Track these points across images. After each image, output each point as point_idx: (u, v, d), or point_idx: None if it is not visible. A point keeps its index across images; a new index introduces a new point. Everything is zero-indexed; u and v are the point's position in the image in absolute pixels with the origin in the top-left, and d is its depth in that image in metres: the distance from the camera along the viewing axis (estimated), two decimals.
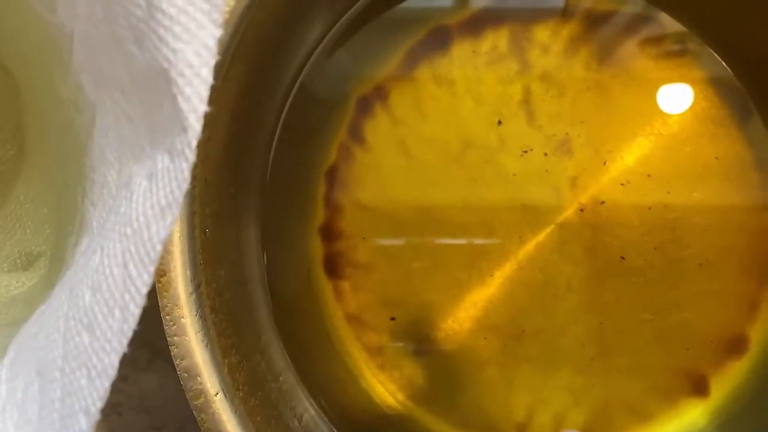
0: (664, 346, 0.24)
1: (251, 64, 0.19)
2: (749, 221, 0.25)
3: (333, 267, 0.25)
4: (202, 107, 0.11)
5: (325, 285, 0.25)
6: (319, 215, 0.25)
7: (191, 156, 0.11)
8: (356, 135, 0.25)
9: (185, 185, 0.11)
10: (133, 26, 0.12)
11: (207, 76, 0.11)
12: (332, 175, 0.25)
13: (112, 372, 0.12)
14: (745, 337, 0.24)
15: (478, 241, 0.25)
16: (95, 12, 0.14)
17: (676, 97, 0.25)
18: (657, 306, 0.25)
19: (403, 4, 0.25)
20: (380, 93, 0.25)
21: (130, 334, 0.11)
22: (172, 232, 0.18)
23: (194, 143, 0.11)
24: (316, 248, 0.25)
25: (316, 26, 0.24)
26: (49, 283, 0.18)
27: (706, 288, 0.25)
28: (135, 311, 0.11)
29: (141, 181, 0.12)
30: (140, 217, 0.12)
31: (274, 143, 0.25)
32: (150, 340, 0.26)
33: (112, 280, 0.12)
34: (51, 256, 0.19)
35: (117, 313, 0.11)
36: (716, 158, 0.25)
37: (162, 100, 0.12)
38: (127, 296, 0.11)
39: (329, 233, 0.25)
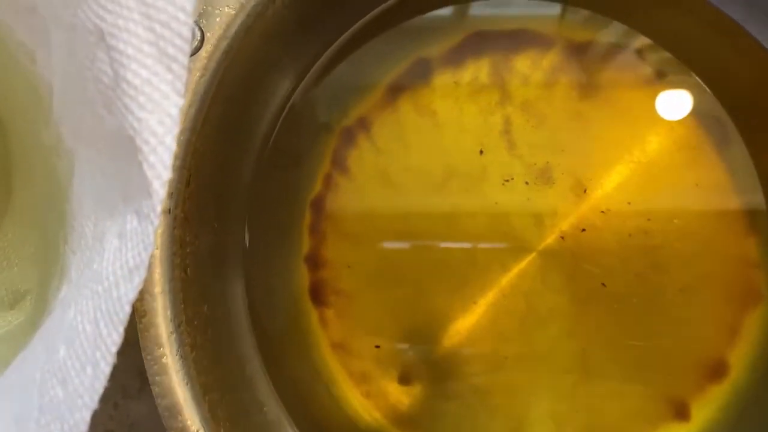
0: (645, 371, 0.25)
1: (231, 104, 0.20)
2: (729, 247, 0.25)
3: (318, 295, 0.26)
4: (166, 174, 0.11)
5: (310, 313, 0.26)
6: (305, 244, 0.26)
7: (156, 220, 0.11)
8: (340, 165, 0.26)
9: (151, 248, 0.11)
10: (102, 92, 0.12)
11: (170, 144, 0.11)
12: (317, 205, 0.26)
13: (84, 427, 0.12)
14: (726, 363, 0.25)
15: (461, 269, 0.25)
16: (69, 71, 0.14)
17: (656, 125, 0.25)
18: (638, 332, 0.25)
19: (385, 37, 0.26)
20: (364, 124, 0.26)
21: (101, 390, 0.12)
22: (153, 273, 0.18)
23: (159, 208, 0.11)
24: (302, 277, 0.26)
25: (297, 62, 0.24)
26: (33, 323, 0.19)
27: (686, 314, 0.25)
28: (105, 369, 0.12)
29: (112, 239, 0.13)
30: (110, 276, 0.12)
31: (258, 176, 0.25)
32: (140, 368, 0.26)
33: (84, 336, 0.12)
34: (36, 295, 0.20)
35: (89, 369, 0.12)
36: (696, 185, 0.25)
37: (130, 162, 0.12)
38: (98, 353, 0.12)
39: (314, 262, 0.26)
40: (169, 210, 0.17)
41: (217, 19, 0.18)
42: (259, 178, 0.25)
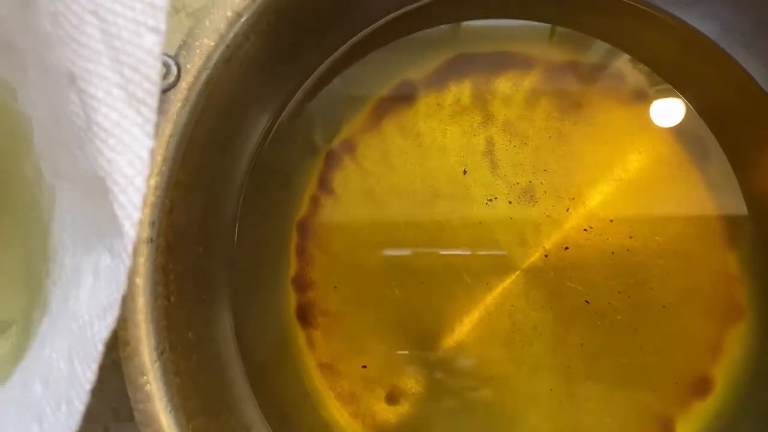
0: (630, 388, 0.25)
1: (213, 134, 0.20)
2: (711, 264, 0.25)
3: (305, 316, 0.26)
4: (137, 214, 0.11)
5: (297, 334, 0.26)
6: (292, 266, 0.26)
7: (128, 260, 0.11)
8: (326, 187, 0.26)
9: (123, 288, 0.11)
10: (75, 133, 0.12)
11: (141, 185, 0.11)
12: (304, 227, 0.26)
13: None
14: (710, 379, 0.25)
15: (446, 288, 0.26)
16: (47, 110, 0.14)
17: (637, 143, 0.26)
18: (622, 349, 0.25)
19: (369, 61, 0.26)
20: (349, 146, 0.26)
21: (75, 428, 0.12)
22: (136, 302, 0.18)
23: (130, 248, 0.11)
24: (289, 298, 0.26)
25: (280, 89, 0.24)
26: (17, 355, 0.19)
27: (670, 330, 0.25)
28: (79, 407, 0.12)
29: (87, 276, 0.13)
30: (85, 314, 0.12)
31: (244, 200, 0.25)
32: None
33: (59, 374, 0.12)
34: (21, 324, 0.20)
35: (63, 407, 0.12)
36: (677, 203, 0.25)
37: (103, 201, 0.12)
38: (72, 392, 0.12)
39: (301, 283, 0.26)
40: (151, 239, 0.18)
41: (197, 51, 0.18)
42: (245, 202, 0.26)
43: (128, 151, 0.11)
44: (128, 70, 0.11)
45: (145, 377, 0.18)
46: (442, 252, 0.26)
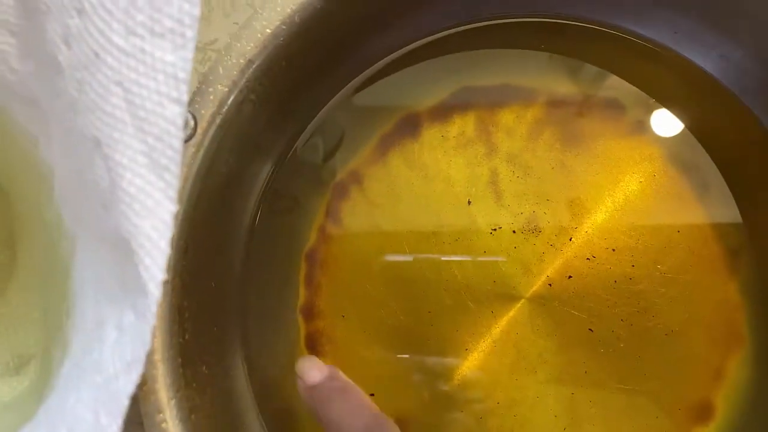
0: (633, 414, 0.25)
1: (226, 176, 0.21)
2: (712, 292, 0.26)
3: (313, 345, 0.26)
4: (161, 276, 0.12)
5: None
6: (301, 296, 0.26)
7: (152, 320, 0.12)
8: (334, 217, 0.27)
9: (147, 346, 0.12)
10: (100, 193, 0.13)
11: (165, 248, 0.12)
12: (312, 257, 0.27)
13: None
14: (711, 405, 0.25)
15: (452, 317, 0.26)
16: (69, 164, 0.15)
17: (637, 174, 0.26)
18: (625, 375, 0.26)
19: (374, 94, 0.27)
20: (356, 177, 0.27)
21: None
22: (152, 341, 0.19)
23: (154, 308, 0.12)
24: (298, 327, 0.26)
25: (290, 127, 0.25)
26: (37, 389, 0.19)
27: (672, 357, 0.25)
28: None
29: (111, 331, 0.13)
30: (110, 367, 0.13)
31: (254, 233, 0.26)
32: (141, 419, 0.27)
33: (85, 424, 0.13)
34: (41, 360, 0.21)
35: None
36: (678, 232, 0.26)
37: (127, 258, 0.13)
38: None
39: (310, 312, 0.26)
40: (167, 281, 0.18)
41: (211, 98, 0.19)
42: (255, 234, 0.26)
43: (152, 216, 0.12)
44: (152, 139, 0.12)
45: (161, 414, 0.18)
46: (448, 281, 0.26)
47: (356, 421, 0.21)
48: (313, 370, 0.22)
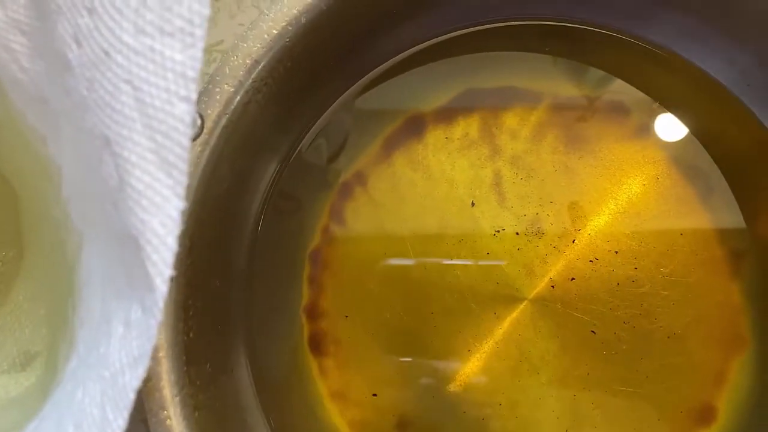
0: (636, 417, 0.25)
1: (232, 174, 0.21)
2: (715, 294, 0.26)
3: (317, 345, 0.26)
4: (168, 272, 0.12)
5: (310, 363, 0.26)
6: (304, 296, 0.27)
7: (158, 315, 0.12)
8: (338, 217, 0.27)
9: (153, 341, 0.12)
10: (108, 191, 0.13)
11: (172, 244, 0.12)
12: (316, 257, 0.27)
13: None
14: (714, 408, 0.25)
15: (455, 318, 0.26)
16: (78, 162, 0.15)
17: (641, 177, 0.26)
18: (628, 378, 0.26)
19: (379, 95, 0.27)
20: (360, 178, 0.27)
21: None
22: (157, 339, 0.19)
23: (161, 304, 0.12)
24: (301, 328, 0.26)
25: (295, 126, 0.25)
26: (44, 385, 0.19)
27: (674, 360, 0.26)
28: None
29: (118, 326, 0.13)
30: (116, 362, 0.13)
31: (259, 232, 0.26)
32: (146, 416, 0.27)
33: (92, 419, 0.13)
34: (46, 356, 0.21)
35: None
36: (681, 234, 0.26)
37: (135, 254, 0.13)
38: None
39: (313, 313, 0.27)
40: (172, 278, 0.18)
41: (217, 98, 0.19)
42: (260, 233, 0.26)
43: (160, 213, 0.12)
44: (160, 136, 0.12)
45: (165, 412, 0.19)
46: (451, 282, 0.26)
47: None
48: None
